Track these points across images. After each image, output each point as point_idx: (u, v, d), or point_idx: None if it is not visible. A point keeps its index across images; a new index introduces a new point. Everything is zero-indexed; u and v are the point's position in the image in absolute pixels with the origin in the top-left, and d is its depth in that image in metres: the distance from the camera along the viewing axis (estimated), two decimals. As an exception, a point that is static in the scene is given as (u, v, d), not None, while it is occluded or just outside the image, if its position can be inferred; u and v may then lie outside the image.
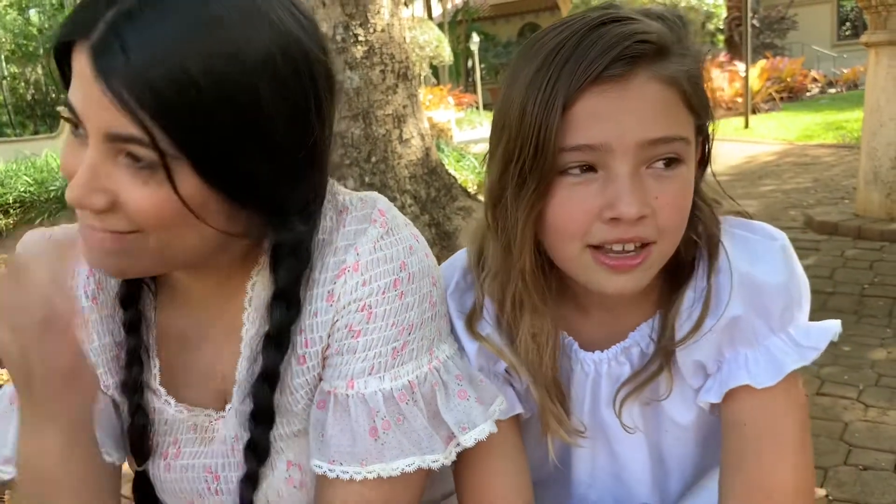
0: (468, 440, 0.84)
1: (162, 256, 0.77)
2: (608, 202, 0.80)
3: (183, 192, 0.71)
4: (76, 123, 0.72)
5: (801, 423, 0.91)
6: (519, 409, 0.96)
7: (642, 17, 0.82)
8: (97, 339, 0.90)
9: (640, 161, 0.80)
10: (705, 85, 0.87)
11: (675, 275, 0.93)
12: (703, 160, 0.93)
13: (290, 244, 0.81)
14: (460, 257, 1.02)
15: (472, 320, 0.95)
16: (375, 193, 0.92)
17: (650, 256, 0.83)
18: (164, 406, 0.92)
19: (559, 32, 0.82)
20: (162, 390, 0.92)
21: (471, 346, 0.94)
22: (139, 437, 0.92)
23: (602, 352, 0.97)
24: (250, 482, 0.89)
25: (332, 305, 0.84)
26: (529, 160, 0.81)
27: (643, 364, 0.95)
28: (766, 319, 0.90)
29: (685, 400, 0.97)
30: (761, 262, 0.90)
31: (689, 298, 0.92)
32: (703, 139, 0.91)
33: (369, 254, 0.83)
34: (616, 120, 0.79)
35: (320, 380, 0.87)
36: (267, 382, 0.85)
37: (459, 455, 0.92)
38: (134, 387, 0.90)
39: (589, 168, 0.81)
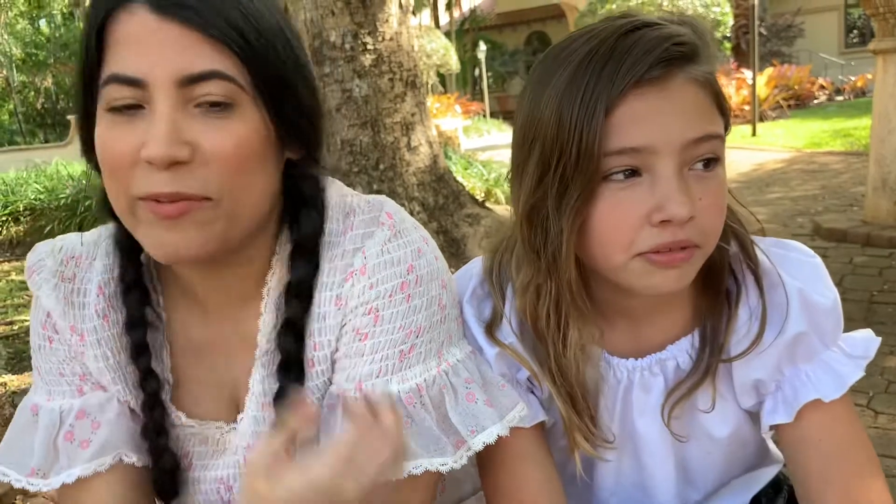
0: (477, 443, 0.83)
1: (229, 225, 0.76)
2: (657, 205, 0.78)
3: (254, 129, 0.76)
4: (128, 104, 0.73)
5: (865, 431, 0.92)
6: (542, 417, 0.95)
7: (668, 23, 0.82)
8: (111, 356, 0.88)
9: (683, 162, 0.79)
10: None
11: (711, 286, 0.92)
12: None
13: (305, 235, 0.85)
14: (477, 264, 1.01)
15: (492, 328, 0.94)
16: (383, 196, 0.91)
17: (693, 255, 0.82)
18: (173, 420, 0.91)
19: (588, 40, 0.82)
20: (172, 406, 0.91)
21: (491, 351, 0.93)
22: (169, 479, 0.91)
23: (636, 360, 0.96)
24: None
25: (339, 309, 0.85)
26: (572, 167, 0.80)
27: (686, 374, 0.94)
28: (821, 335, 0.90)
29: (725, 413, 0.96)
30: (809, 280, 0.90)
31: (745, 315, 0.91)
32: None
33: (376, 257, 0.83)
34: (658, 122, 0.78)
35: (331, 383, 0.88)
36: (292, 334, 0.85)
37: (489, 463, 0.92)
38: (152, 404, 0.89)
39: (633, 173, 0.80)
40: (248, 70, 0.74)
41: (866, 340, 0.93)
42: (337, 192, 0.89)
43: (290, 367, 0.86)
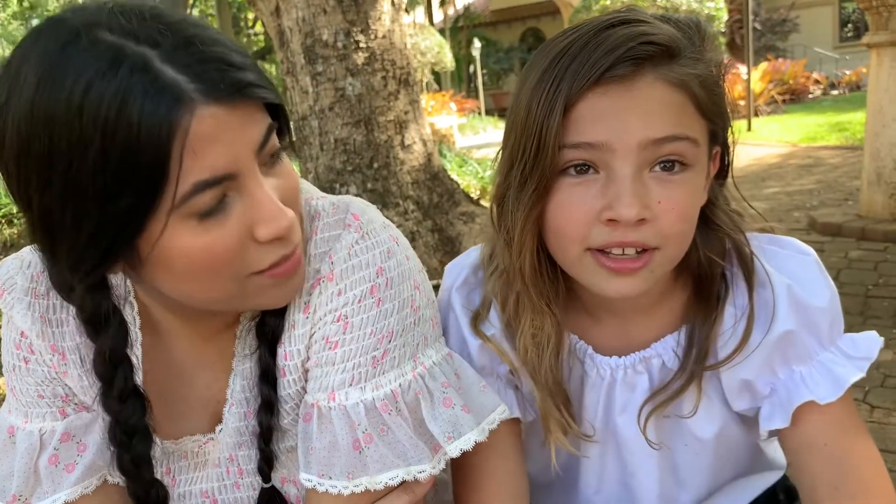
0: (453, 450, 0.81)
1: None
2: (607, 203, 0.79)
3: None
4: (216, 197, 0.68)
5: (868, 433, 0.89)
6: (517, 414, 0.95)
7: (654, 21, 0.81)
8: (87, 381, 0.85)
9: (643, 162, 0.79)
10: (725, 93, 0.86)
11: (703, 289, 0.91)
12: (723, 171, 0.92)
13: None
14: (472, 254, 1.01)
15: (477, 318, 0.94)
16: (349, 196, 0.89)
17: (652, 261, 0.81)
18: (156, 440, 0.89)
19: (568, 35, 0.82)
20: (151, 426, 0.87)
21: (473, 343, 0.93)
22: (155, 499, 0.89)
23: (619, 357, 0.95)
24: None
25: (308, 318, 0.83)
26: (531, 160, 0.81)
27: (665, 380, 0.93)
28: (816, 335, 0.88)
29: (710, 414, 0.95)
30: (802, 278, 0.88)
31: (731, 316, 0.89)
32: (723, 150, 0.90)
33: (343, 261, 0.81)
34: (618, 119, 0.78)
35: (305, 392, 0.86)
36: (267, 344, 0.84)
37: (458, 458, 0.91)
38: (132, 431, 0.85)
39: (590, 169, 0.80)
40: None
41: (868, 341, 0.91)
42: (302, 196, 0.86)
43: (268, 378, 0.84)
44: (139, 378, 0.85)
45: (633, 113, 0.78)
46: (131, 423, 0.83)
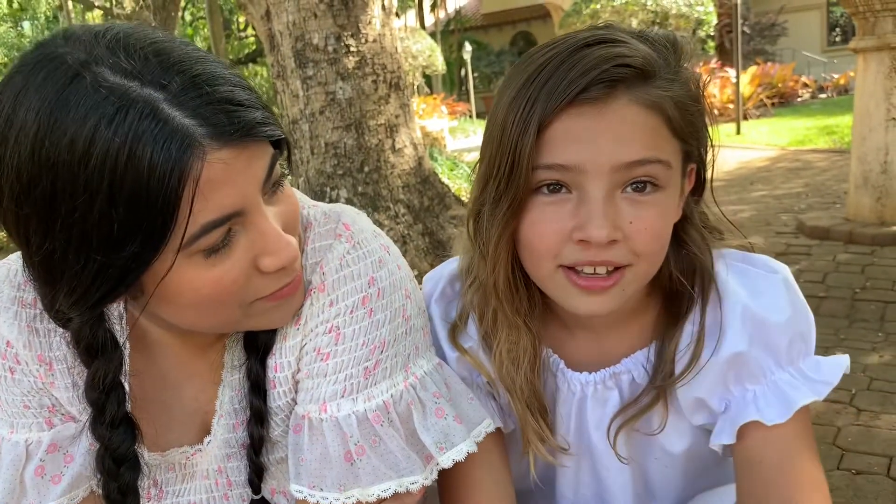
0: (446, 461, 0.81)
1: None
2: (579, 224, 0.80)
3: None
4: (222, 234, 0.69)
5: (815, 456, 0.89)
6: (499, 424, 0.95)
7: (631, 40, 0.81)
8: (81, 384, 0.84)
9: (614, 184, 0.79)
10: (705, 108, 0.86)
11: (673, 305, 0.92)
12: (699, 187, 0.92)
13: None
14: (449, 265, 1.01)
15: (455, 330, 0.95)
16: (341, 205, 0.89)
17: (623, 279, 0.82)
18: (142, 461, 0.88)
19: (546, 52, 0.82)
20: (140, 454, 0.87)
21: (451, 354, 0.94)
22: None
23: (590, 374, 0.95)
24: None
25: (299, 329, 0.82)
26: (504, 178, 0.81)
27: (635, 395, 0.93)
28: (774, 354, 0.88)
29: (678, 430, 0.95)
30: (764, 297, 0.88)
31: (688, 333, 0.90)
32: (700, 166, 0.90)
33: (335, 272, 0.81)
34: (591, 142, 0.78)
35: (295, 404, 0.85)
36: (257, 356, 0.84)
37: (442, 472, 0.91)
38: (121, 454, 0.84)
39: (563, 188, 0.81)
40: None
41: (833, 366, 0.90)
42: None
43: (258, 390, 0.84)
44: (126, 390, 0.84)
45: (605, 135, 0.78)
46: (120, 451, 0.82)
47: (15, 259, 0.85)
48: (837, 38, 23.79)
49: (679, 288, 0.90)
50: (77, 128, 0.61)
